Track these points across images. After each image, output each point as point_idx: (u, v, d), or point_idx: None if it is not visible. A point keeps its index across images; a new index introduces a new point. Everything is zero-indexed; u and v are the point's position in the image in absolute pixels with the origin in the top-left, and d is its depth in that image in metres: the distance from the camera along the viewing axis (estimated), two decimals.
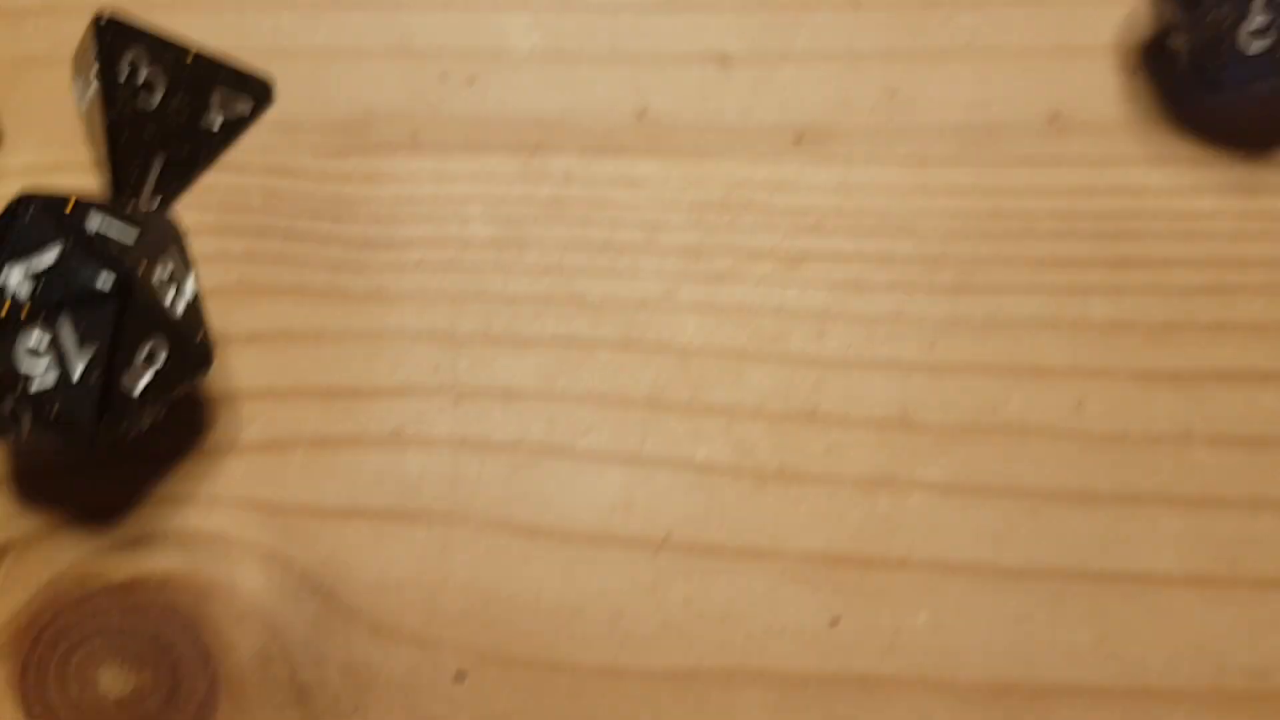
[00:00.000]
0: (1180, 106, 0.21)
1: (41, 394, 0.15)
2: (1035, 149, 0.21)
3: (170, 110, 0.16)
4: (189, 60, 0.16)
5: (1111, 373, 0.19)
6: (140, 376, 0.15)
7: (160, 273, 0.15)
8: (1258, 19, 0.18)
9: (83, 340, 0.14)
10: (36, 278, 0.14)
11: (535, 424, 0.19)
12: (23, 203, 0.15)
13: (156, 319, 0.15)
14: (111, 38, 0.16)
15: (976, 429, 0.19)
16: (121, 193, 0.16)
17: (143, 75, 0.16)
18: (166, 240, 0.16)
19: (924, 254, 0.20)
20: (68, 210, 0.15)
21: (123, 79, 0.16)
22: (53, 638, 0.17)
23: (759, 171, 0.21)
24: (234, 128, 0.17)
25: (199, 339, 0.16)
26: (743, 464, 0.18)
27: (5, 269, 0.14)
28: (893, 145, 0.21)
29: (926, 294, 0.20)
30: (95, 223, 0.15)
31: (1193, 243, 0.20)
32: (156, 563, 0.17)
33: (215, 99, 0.16)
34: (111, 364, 0.15)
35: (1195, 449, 0.18)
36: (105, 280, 0.14)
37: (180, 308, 0.16)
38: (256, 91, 0.17)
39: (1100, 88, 0.22)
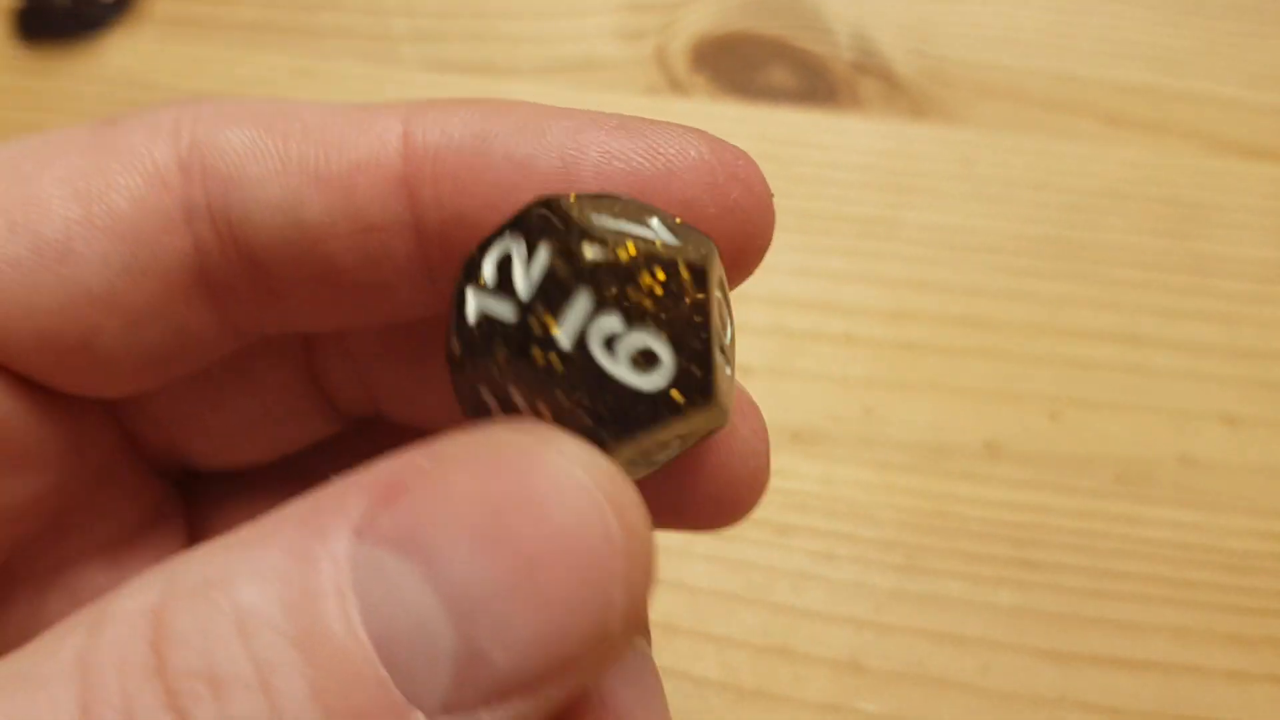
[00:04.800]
0: None
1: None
2: (973, 468, 0.27)
3: None
4: None
5: (1012, 647, 0.25)
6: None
7: None
8: None
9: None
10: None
11: None
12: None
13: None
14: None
15: (908, 677, 0.24)
16: None
17: None
18: None
19: (881, 538, 0.26)
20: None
21: None
22: None
23: None
24: None
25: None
26: (728, 681, 0.24)
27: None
28: (866, 451, 0.28)
29: (879, 569, 0.26)
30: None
31: (1083, 555, 0.26)
32: None
33: None
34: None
35: (1066, 711, 0.24)
36: None
37: None
38: None
39: (1028, 427, 0.28)
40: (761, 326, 0.29)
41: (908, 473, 0.27)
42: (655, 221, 0.12)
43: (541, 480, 0.10)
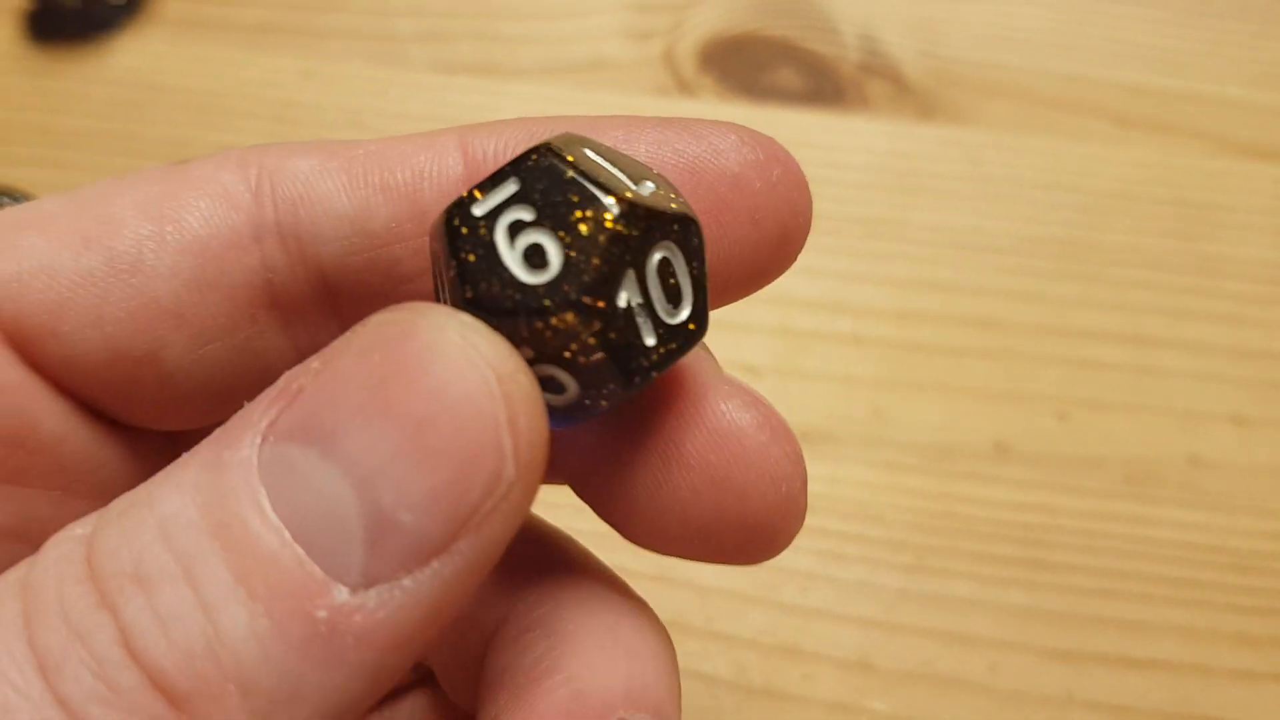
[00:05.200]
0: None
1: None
2: (981, 469, 0.28)
3: None
4: None
5: (1020, 646, 0.25)
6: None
7: None
8: None
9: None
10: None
11: None
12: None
13: None
14: None
15: (916, 677, 0.24)
16: None
17: None
18: None
19: (889, 538, 0.26)
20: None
21: None
22: None
23: None
24: None
25: None
26: (737, 680, 0.24)
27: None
28: (873, 452, 0.28)
29: (887, 569, 0.26)
30: None
31: (1091, 556, 0.26)
32: None
33: None
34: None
35: (1074, 710, 0.24)
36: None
37: None
38: None
39: (1036, 427, 0.28)
40: (768, 327, 0.29)
41: (915, 473, 0.27)
42: (647, 182, 0.12)
43: (416, 345, 0.10)
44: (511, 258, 0.11)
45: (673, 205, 0.12)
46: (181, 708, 0.10)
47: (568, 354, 0.12)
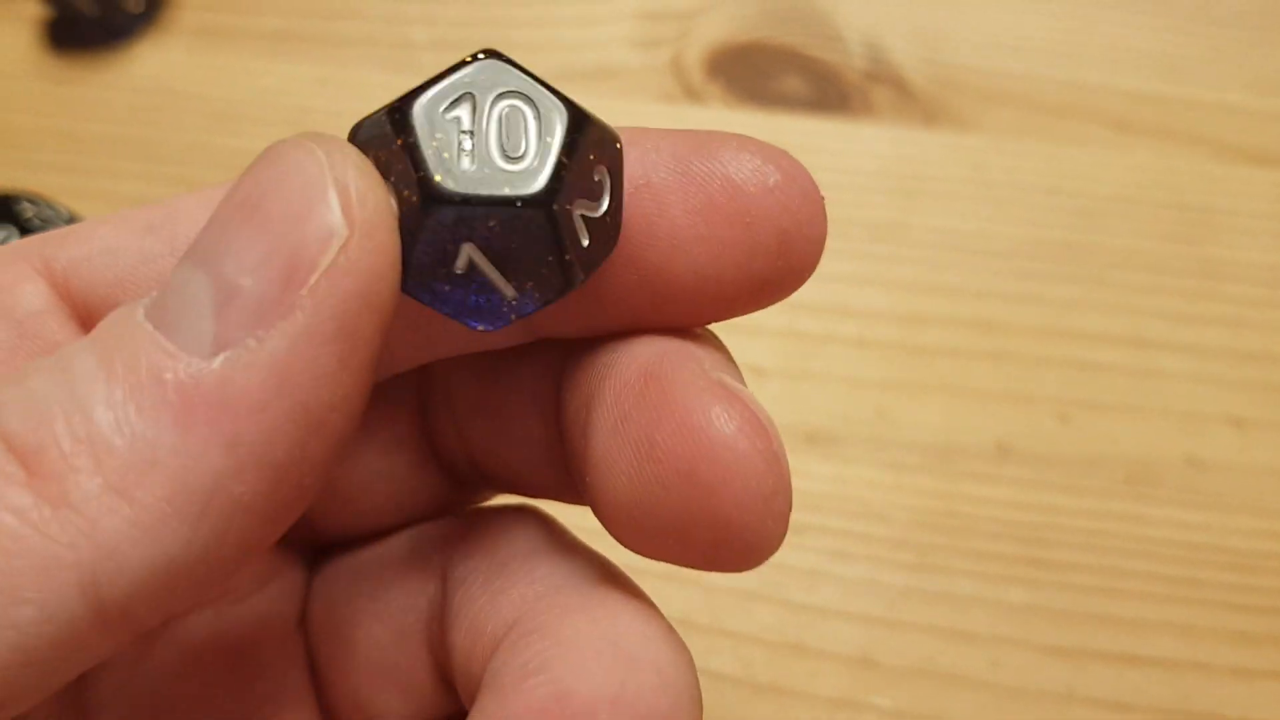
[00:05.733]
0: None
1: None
2: (983, 469, 0.28)
3: None
4: None
5: (1022, 643, 0.25)
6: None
7: None
8: None
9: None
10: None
11: None
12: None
13: None
14: None
15: (919, 673, 0.25)
16: None
17: None
18: None
19: (893, 537, 0.27)
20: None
21: None
22: None
23: None
24: None
25: None
26: (743, 676, 0.25)
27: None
28: (878, 452, 0.28)
29: (891, 568, 0.26)
30: None
31: (1091, 555, 0.27)
32: None
33: None
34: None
35: (1074, 707, 0.24)
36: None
37: None
38: None
39: (1038, 428, 0.29)
40: (776, 329, 0.30)
41: (919, 473, 0.28)
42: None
43: (271, 150, 0.11)
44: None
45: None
46: (33, 468, 0.10)
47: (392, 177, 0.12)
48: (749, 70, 0.35)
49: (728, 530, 0.13)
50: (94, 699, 0.15)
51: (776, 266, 0.14)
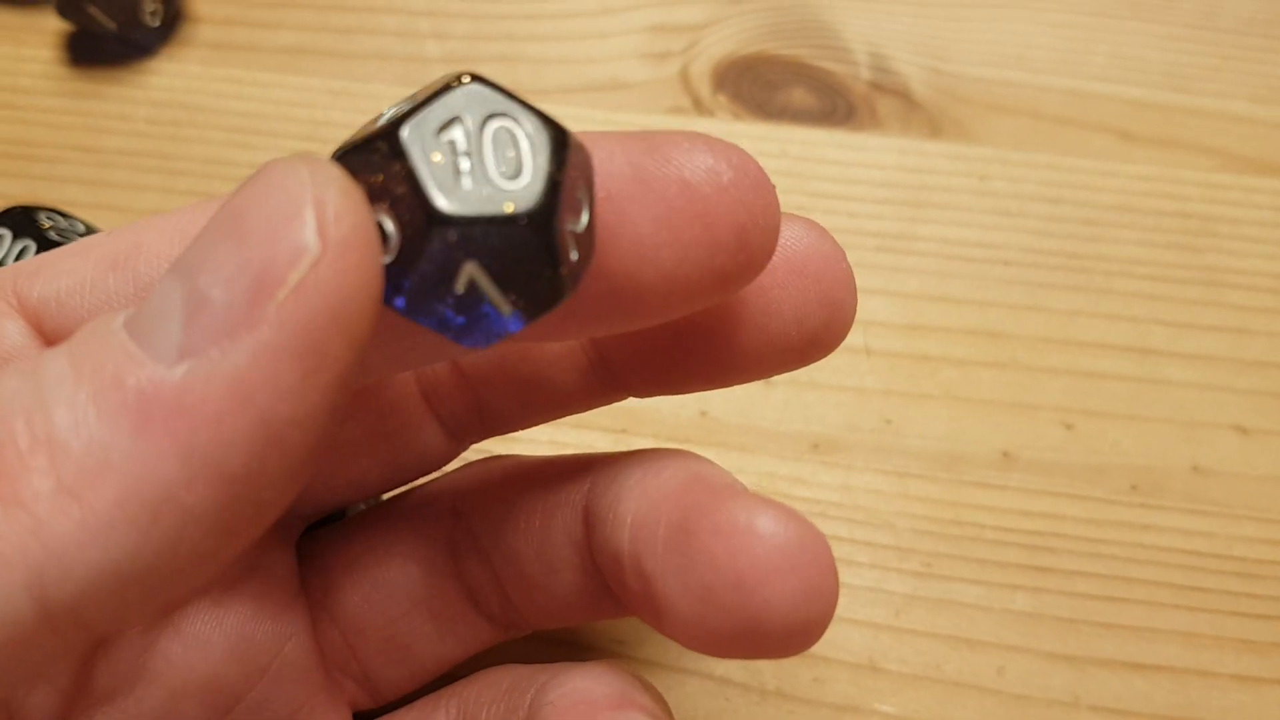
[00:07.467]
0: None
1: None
2: (988, 477, 0.28)
3: None
4: None
5: (1027, 650, 0.26)
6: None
7: None
8: None
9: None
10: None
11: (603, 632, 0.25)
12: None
13: None
14: None
15: (923, 679, 0.25)
16: None
17: None
18: None
19: (898, 545, 0.27)
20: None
21: None
22: None
23: (783, 468, 0.28)
24: None
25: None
26: (751, 682, 0.25)
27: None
28: (883, 460, 0.29)
29: (897, 575, 0.27)
30: None
31: (1096, 562, 0.27)
32: None
33: None
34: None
35: (1080, 713, 0.25)
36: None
37: None
38: None
39: (1042, 436, 0.29)
40: None
41: (924, 481, 0.28)
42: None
43: (262, 168, 0.11)
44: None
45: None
46: None
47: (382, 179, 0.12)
48: (756, 82, 0.35)
49: (784, 632, 0.14)
50: (100, 689, 0.16)
51: (737, 260, 0.14)
